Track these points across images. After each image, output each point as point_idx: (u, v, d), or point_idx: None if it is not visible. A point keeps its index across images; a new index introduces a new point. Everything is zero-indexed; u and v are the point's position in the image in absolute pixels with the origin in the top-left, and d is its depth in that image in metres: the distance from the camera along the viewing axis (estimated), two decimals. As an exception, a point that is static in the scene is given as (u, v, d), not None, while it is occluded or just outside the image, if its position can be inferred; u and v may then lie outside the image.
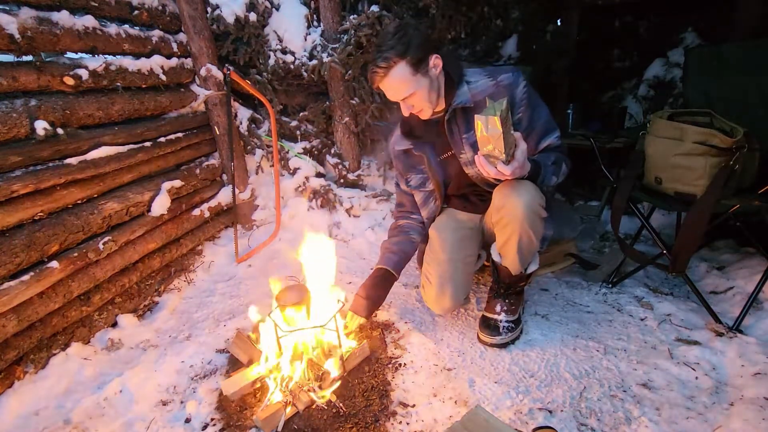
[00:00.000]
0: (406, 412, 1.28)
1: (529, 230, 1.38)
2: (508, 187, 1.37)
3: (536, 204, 1.36)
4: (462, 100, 1.41)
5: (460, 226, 1.66)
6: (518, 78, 1.41)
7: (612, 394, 1.29)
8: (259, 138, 2.60)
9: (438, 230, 1.65)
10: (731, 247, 2.01)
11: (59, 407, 1.41)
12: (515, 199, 1.35)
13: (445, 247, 1.60)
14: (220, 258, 2.41)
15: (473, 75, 1.47)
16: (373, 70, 1.34)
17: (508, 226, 1.39)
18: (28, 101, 1.44)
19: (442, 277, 1.59)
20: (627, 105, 3.12)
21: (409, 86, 1.34)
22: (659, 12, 3.08)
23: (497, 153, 1.17)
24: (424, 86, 1.36)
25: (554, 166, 1.41)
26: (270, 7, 2.44)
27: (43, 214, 1.50)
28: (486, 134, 1.14)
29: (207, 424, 1.30)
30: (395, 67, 1.31)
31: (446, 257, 1.60)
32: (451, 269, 1.59)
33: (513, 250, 1.43)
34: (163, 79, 2.05)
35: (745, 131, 1.46)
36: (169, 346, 1.70)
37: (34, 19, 1.46)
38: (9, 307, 1.37)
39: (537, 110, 1.44)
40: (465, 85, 1.44)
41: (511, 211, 1.36)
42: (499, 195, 1.40)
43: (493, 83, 1.42)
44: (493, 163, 1.20)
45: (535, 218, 1.38)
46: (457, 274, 1.60)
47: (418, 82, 1.34)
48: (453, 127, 1.47)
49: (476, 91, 1.42)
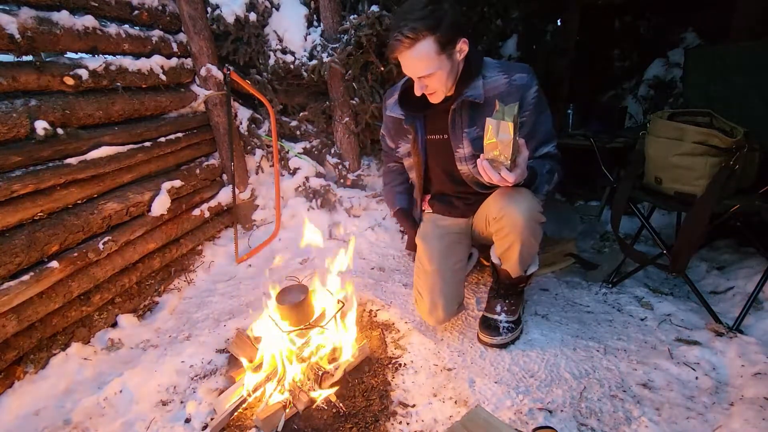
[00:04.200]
0: (406, 412, 1.28)
1: (530, 238, 1.38)
2: (505, 197, 1.35)
3: (535, 212, 1.35)
4: (474, 93, 1.35)
5: (445, 233, 1.62)
6: (532, 80, 1.38)
7: (612, 394, 1.29)
8: (259, 138, 2.60)
9: (423, 239, 1.60)
10: (731, 247, 2.01)
11: (59, 407, 1.41)
12: (514, 209, 1.33)
13: (432, 257, 1.55)
14: (220, 258, 2.41)
15: (490, 68, 1.40)
16: (397, 38, 1.22)
17: (509, 235, 1.38)
18: (28, 101, 1.44)
19: (432, 291, 1.53)
20: (627, 105, 3.12)
21: (430, 65, 1.26)
22: (659, 12, 3.08)
23: (503, 159, 1.15)
24: (445, 69, 1.28)
25: (548, 174, 1.41)
26: (270, 7, 2.44)
27: (43, 214, 1.50)
28: (495, 139, 1.13)
29: (207, 424, 1.30)
30: (422, 41, 1.21)
31: (433, 268, 1.54)
32: (440, 281, 1.53)
33: (514, 256, 1.42)
34: (163, 79, 2.05)
35: (745, 131, 1.46)
36: (169, 346, 1.70)
37: (34, 19, 1.46)
38: (9, 307, 1.37)
39: (542, 116, 1.42)
40: (481, 78, 1.37)
41: (510, 221, 1.35)
42: (497, 205, 1.38)
43: (507, 81, 1.37)
44: (497, 168, 1.18)
45: (536, 226, 1.37)
46: (446, 285, 1.54)
47: (441, 63, 1.26)
48: (456, 119, 1.41)
49: (489, 86, 1.37)
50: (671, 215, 2.27)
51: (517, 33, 3.06)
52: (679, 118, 1.63)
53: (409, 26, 1.20)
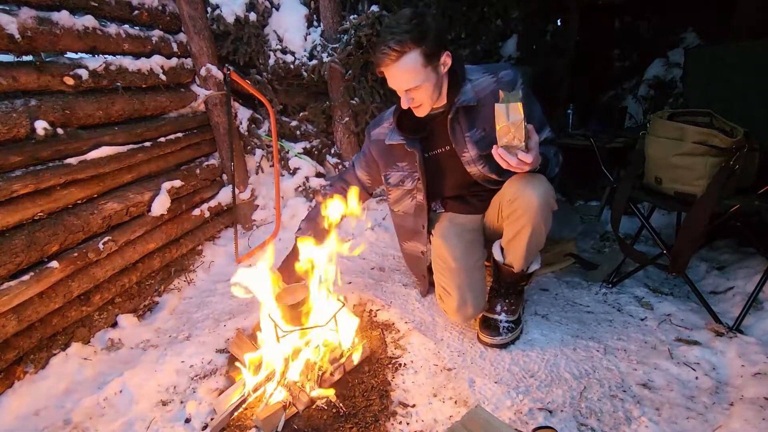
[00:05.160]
0: (406, 412, 1.28)
1: (542, 223, 1.37)
2: (521, 180, 1.36)
3: (550, 196, 1.36)
4: (466, 98, 1.40)
5: (463, 230, 1.62)
6: (517, 75, 1.43)
7: (612, 394, 1.29)
8: (259, 138, 2.60)
9: (443, 238, 1.59)
10: (731, 247, 2.01)
11: (59, 407, 1.42)
12: (530, 191, 1.33)
13: (456, 255, 1.55)
14: (220, 258, 2.41)
15: (473, 73, 1.46)
16: (384, 51, 1.26)
17: (522, 218, 1.37)
18: (28, 101, 1.44)
19: (461, 288, 1.52)
20: (627, 105, 3.12)
21: (417, 77, 1.30)
22: (659, 12, 3.08)
23: (517, 142, 1.16)
24: (431, 81, 1.33)
25: (555, 157, 1.46)
26: (270, 7, 2.45)
27: (43, 214, 1.50)
28: (507, 122, 1.14)
29: (207, 424, 1.30)
30: (409, 53, 1.26)
31: (459, 265, 1.54)
32: (467, 278, 1.53)
33: (522, 244, 1.41)
34: (163, 79, 2.05)
35: (745, 131, 1.46)
36: (169, 346, 1.70)
37: (34, 19, 1.46)
38: (9, 307, 1.37)
39: (533, 105, 1.46)
40: (468, 83, 1.43)
41: (525, 202, 1.35)
42: (512, 188, 1.38)
43: (494, 80, 1.42)
44: (513, 153, 1.19)
45: (549, 211, 1.38)
46: (473, 281, 1.55)
47: (426, 75, 1.31)
48: (456, 126, 1.45)
49: (479, 88, 1.42)
50: (671, 215, 2.26)
51: (517, 33, 3.06)
52: (679, 118, 1.62)
53: (396, 39, 1.25)
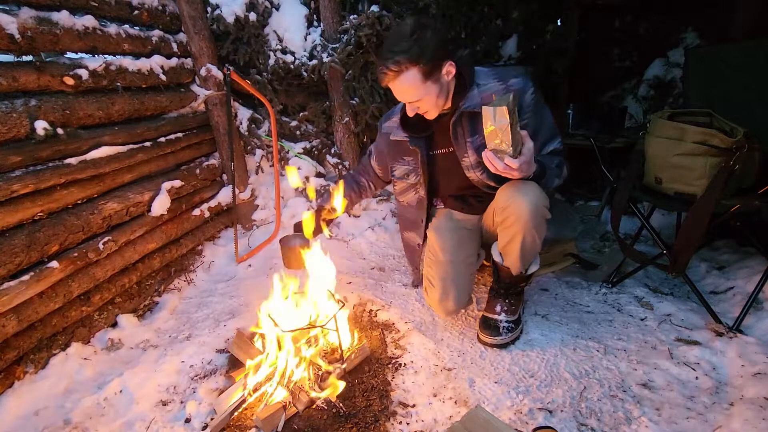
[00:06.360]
0: (406, 412, 1.28)
1: (534, 231, 1.38)
2: (513, 188, 1.37)
3: (541, 205, 1.36)
4: (471, 104, 1.40)
5: (458, 227, 1.64)
6: (527, 83, 1.42)
7: (612, 394, 1.29)
8: (259, 138, 2.60)
9: (437, 231, 1.62)
10: (731, 247, 2.01)
11: (59, 407, 1.41)
12: (521, 199, 1.34)
13: (446, 248, 1.59)
14: (220, 258, 2.41)
15: (483, 77, 1.45)
16: (383, 71, 1.30)
17: (513, 225, 1.38)
18: (28, 101, 1.44)
19: (445, 280, 1.56)
20: (627, 105, 3.13)
21: (417, 92, 1.33)
22: (659, 12, 3.08)
23: (504, 146, 1.16)
24: (433, 93, 1.34)
25: (557, 168, 1.44)
26: (270, 7, 2.44)
27: (43, 214, 1.50)
28: (494, 126, 1.14)
29: (207, 424, 1.30)
30: (406, 72, 1.28)
31: (447, 258, 1.58)
32: (453, 271, 1.57)
33: (516, 250, 1.43)
34: (163, 79, 2.05)
35: (745, 131, 1.46)
36: (169, 346, 1.70)
37: (34, 19, 1.46)
38: (9, 307, 1.37)
39: (543, 115, 1.45)
40: (476, 88, 1.42)
41: (516, 211, 1.35)
42: (504, 195, 1.39)
43: (503, 87, 1.41)
44: (501, 157, 1.20)
45: (540, 219, 1.38)
46: (459, 276, 1.58)
47: (427, 89, 1.32)
48: (458, 130, 1.46)
49: (485, 94, 1.40)
50: (671, 215, 2.27)
51: (517, 33, 3.05)
52: (679, 118, 1.63)
53: (393, 60, 1.26)
